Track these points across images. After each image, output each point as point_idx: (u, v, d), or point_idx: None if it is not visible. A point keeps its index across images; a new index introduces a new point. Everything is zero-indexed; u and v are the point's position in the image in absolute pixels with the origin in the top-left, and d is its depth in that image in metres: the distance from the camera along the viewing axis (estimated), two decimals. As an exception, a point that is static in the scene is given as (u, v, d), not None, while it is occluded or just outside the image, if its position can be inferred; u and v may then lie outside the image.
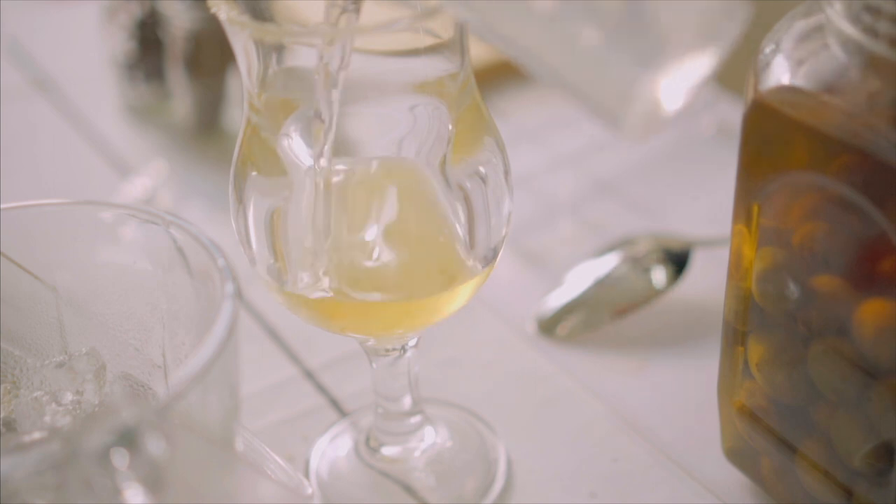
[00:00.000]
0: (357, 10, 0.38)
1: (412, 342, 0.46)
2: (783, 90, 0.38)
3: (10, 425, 0.39)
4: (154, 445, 0.30)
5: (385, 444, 0.50)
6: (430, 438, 0.51)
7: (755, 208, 0.41)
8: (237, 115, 0.72)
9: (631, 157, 0.70)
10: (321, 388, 0.55)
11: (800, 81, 0.38)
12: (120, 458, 0.29)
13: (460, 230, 0.41)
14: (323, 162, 0.39)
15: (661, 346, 0.56)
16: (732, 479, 0.48)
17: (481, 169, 0.41)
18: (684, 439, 0.51)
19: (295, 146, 0.41)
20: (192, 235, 0.37)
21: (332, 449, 0.51)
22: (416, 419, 0.50)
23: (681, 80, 0.30)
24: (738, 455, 0.47)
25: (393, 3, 0.42)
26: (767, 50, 0.39)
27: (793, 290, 0.41)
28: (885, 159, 0.35)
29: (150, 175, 0.69)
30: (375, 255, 0.41)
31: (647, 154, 0.71)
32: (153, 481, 0.30)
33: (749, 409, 0.45)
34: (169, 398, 0.31)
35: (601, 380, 0.54)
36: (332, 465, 0.51)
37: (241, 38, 0.39)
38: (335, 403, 0.54)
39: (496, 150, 0.43)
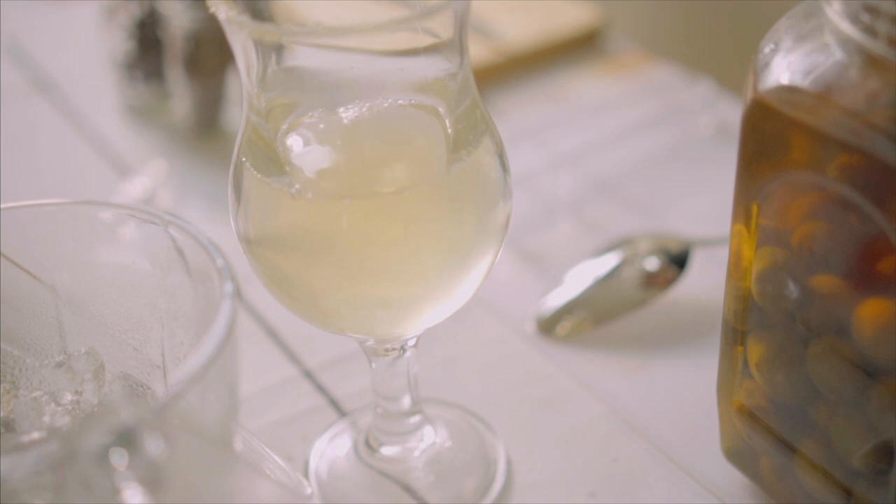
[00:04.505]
0: None
1: (411, 342, 0.46)
2: (782, 90, 0.38)
3: (9, 425, 0.39)
4: (153, 445, 0.30)
5: (384, 444, 0.50)
6: (430, 438, 0.51)
7: (754, 208, 0.41)
8: (237, 115, 0.72)
9: (631, 156, 0.70)
10: (320, 388, 0.55)
11: (799, 81, 0.38)
12: (119, 458, 0.29)
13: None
14: None
15: (660, 346, 0.56)
16: (732, 478, 0.48)
17: None
18: (684, 439, 0.51)
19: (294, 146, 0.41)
20: (191, 235, 0.37)
21: (332, 449, 0.51)
22: (415, 419, 0.50)
23: None
24: (737, 455, 0.47)
25: (393, 2, 0.42)
26: (767, 50, 0.39)
27: (792, 289, 0.41)
28: (885, 159, 0.35)
29: (150, 175, 0.69)
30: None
31: (647, 154, 0.71)
32: (152, 481, 0.30)
33: (748, 408, 0.45)
34: (168, 398, 0.31)
35: (601, 380, 0.54)
36: (331, 464, 0.51)
37: (241, 38, 0.39)
38: (334, 403, 0.54)
39: (495, 150, 0.43)
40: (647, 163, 0.70)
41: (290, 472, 0.45)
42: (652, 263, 0.59)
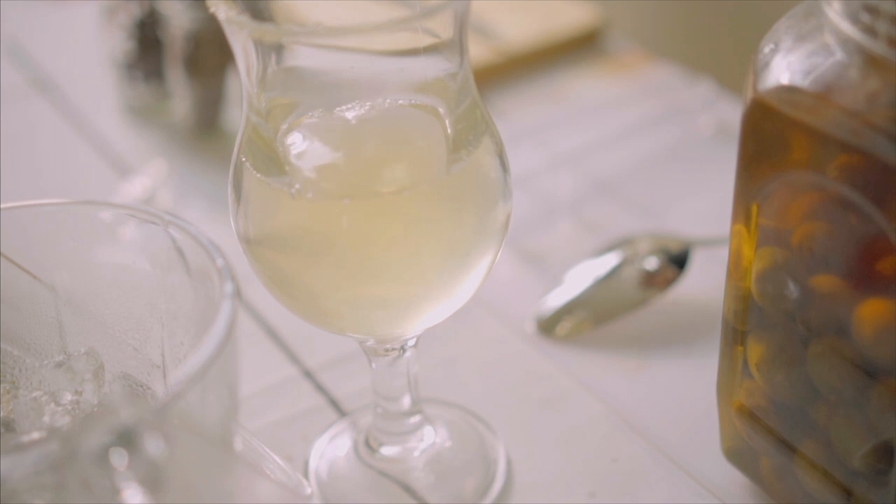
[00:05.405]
0: None
1: (411, 342, 0.46)
2: (782, 90, 0.38)
3: (9, 425, 0.39)
4: (153, 445, 0.30)
5: (384, 444, 0.50)
6: (430, 438, 0.51)
7: (754, 208, 0.41)
8: (237, 115, 0.72)
9: (631, 156, 0.70)
10: (320, 388, 0.55)
11: (799, 81, 0.38)
12: (119, 458, 0.29)
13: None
14: None
15: (660, 346, 0.56)
16: (732, 478, 0.48)
17: None
18: (684, 439, 0.51)
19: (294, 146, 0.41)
20: (191, 235, 0.37)
21: (332, 449, 0.51)
22: (415, 419, 0.50)
23: None
24: (737, 455, 0.47)
25: (393, 3, 0.42)
26: (767, 50, 0.39)
27: (792, 289, 0.41)
28: (885, 159, 0.35)
29: (150, 175, 0.69)
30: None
31: (647, 154, 0.71)
32: (152, 481, 0.30)
33: (748, 408, 0.45)
34: (168, 398, 0.31)
35: (601, 380, 0.54)
36: (331, 464, 0.51)
37: (240, 38, 0.39)
38: (334, 403, 0.54)
39: (495, 150, 0.43)
40: (647, 163, 0.70)
41: (290, 472, 0.45)
42: (652, 263, 0.59)
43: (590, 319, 0.57)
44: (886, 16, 0.35)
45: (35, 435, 0.38)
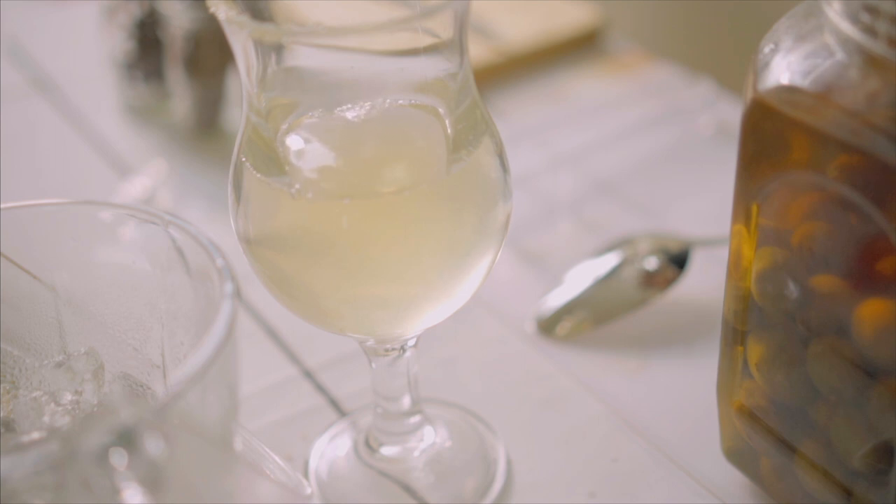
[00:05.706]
0: None
1: (411, 342, 0.46)
2: (782, 90, 0.38)
3: (9, 425, 0.39)
4: (153, 445, 0.30)
5: (384, 444, 0.50)
6: (430, 438, 0.51)
7: (754, 208, 0.41)
8: (237, 115, 0.72)
9: (631, 156, 0.70)
10: (320, 388, 0.55)
11: (799, 81, 0.38)
12: (119, 458, 0.29)
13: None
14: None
15: (660, 346, 0.56)
16: (732, 478, 0.48)
17: None
18: (684, 439, 0.51)
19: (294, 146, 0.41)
20: (191, 235, 0.37)
21: (332, 449, 0.51)
22: (415, 419, 0.50)
23: None
24: (737, 455, 0.47)
25: (393, 2, 0.42)
26: (766, 50, 0.39)
27: (792, 289, 0.41)
28: (885, 159, 0.35)
29: (150, 175, 0.69)
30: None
31: (647, 154, 0.71)
32: (152, 481, 0.30)
33: (748, 408, 0.45)
34: (168, 398, 0.31)
35: (601, 380, 0.54)
36: (331, 464, 0.51)
37: (240, 38, 0.39)
38: (334, 403, 0.54)
39: (495, 150, 0.43)
40: (647, 163, 0.70)
41: (290, 472, 0.45)
42: (652, 263, 0.59)
43: (590, 319, 0.57)
44: (886, 16, 0.35)
45: (35, 435, 0.38)
